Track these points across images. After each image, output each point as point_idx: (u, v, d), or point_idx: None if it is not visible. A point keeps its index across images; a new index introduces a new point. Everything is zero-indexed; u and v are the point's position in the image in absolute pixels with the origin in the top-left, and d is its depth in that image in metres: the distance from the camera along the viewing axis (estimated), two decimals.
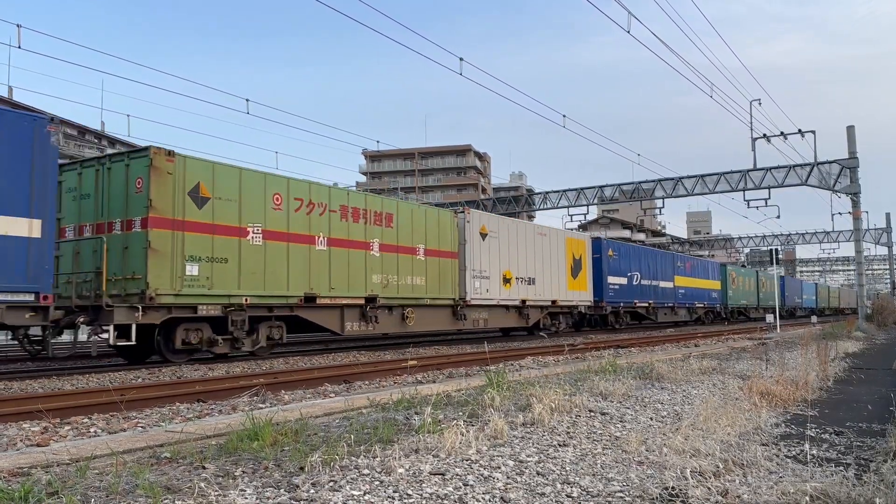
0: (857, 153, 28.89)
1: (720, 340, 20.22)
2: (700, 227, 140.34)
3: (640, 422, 5.80)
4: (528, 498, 3.50)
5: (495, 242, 21.94)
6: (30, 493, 3.24)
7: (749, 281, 50.05)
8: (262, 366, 13.63)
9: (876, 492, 3.52)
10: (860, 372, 10.93)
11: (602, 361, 9.52)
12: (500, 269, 22.10)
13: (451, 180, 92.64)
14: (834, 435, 5.62)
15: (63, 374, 12.00)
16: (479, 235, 21.23)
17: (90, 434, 6.36)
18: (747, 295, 49.36)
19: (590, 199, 36.03)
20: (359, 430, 4.83)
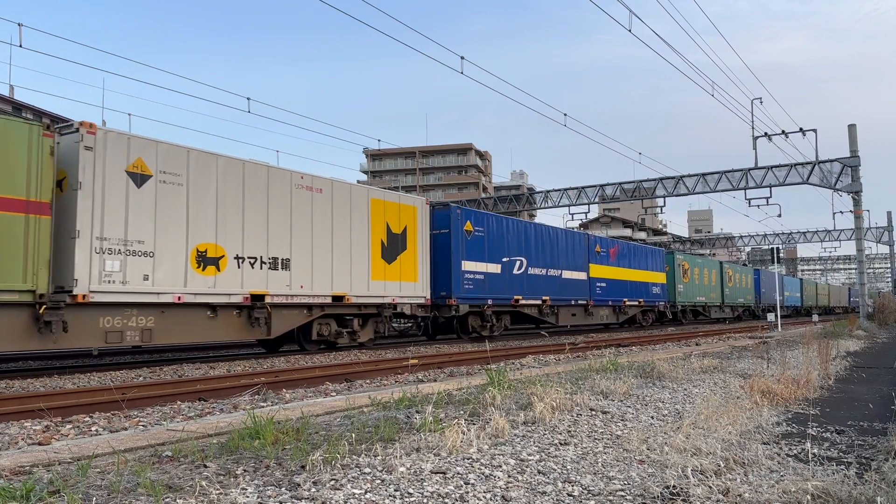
0: (858, 152, 28.86)
1: (721, 339, 20.23)
2: (701, 225, 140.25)
3: (641, 420, 5.80)
4: (529, 497, 3.51)
5: (173, 193, 12.78)
6: (31, 492, 3.24)
7: (709, 273, 41.44)
8: (263, 364, 13.64)
9: (877, 490, 3.52)
10: (861, 370, 10.92)
11: (603, 360, 9.52)
12: (189, 239, 12.98)
13: (453, 179, 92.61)
14: (835, 434, 5.62)
15: (64, 373, 12.02)
16: (125, 177, 12.01)
17: (92, 433, 6.36)
18: (705, 290, 40.71)
19: (591, 198, 36.00)
20: (360, 428, 4.83)
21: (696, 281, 39.19)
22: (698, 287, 39.61)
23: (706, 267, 41.58)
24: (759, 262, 79.48)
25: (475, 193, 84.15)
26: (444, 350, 17.50)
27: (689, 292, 38.26)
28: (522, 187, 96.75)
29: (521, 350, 15.94)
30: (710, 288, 41.42)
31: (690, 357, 11.20)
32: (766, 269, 74.34)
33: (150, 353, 17.06)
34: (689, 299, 38.29)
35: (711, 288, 41.67)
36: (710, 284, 41.30)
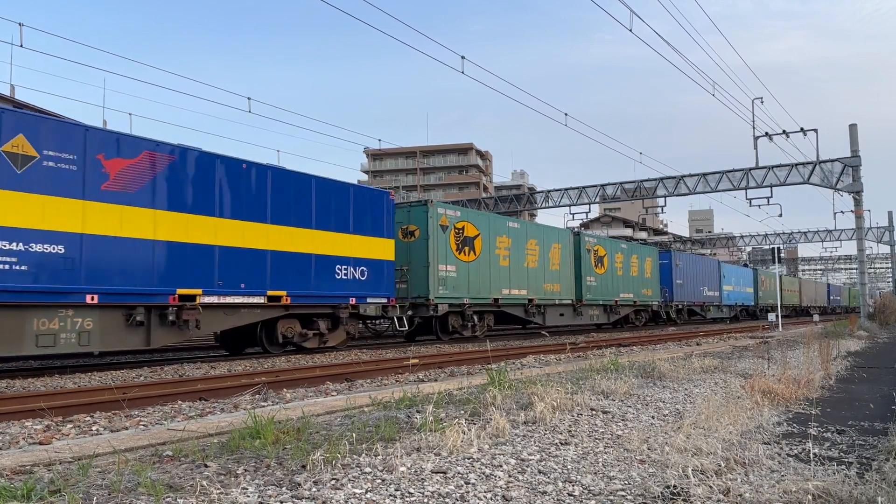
0: (859, 151, 28.84)
1: (722, 339, 20.22)
2: (702, 225, 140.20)
3: (641, 420, 5.80)
4: (529, 496, 3.50)
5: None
6: (32, 492, 3.24)
7: (551, 251, 25.20)
8: (263, 364, 13.64)
9: (878, 490, 3.52)
10: (862, 370, 10.91)
11: (604, 360, 9.52)
12: None
13: (453, 179, 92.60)
14: (836, 433, 5.62)
15: (65, 373, 12.02)
16: None
17: (92, 432, 6.36)
18: (531, 278, 24.15)
19: (591, 198, 35.98)
20: (360, 428, 4.83)
21: (486, 262, 23.37)
22: (496, 274, 24.31)
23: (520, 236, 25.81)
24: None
25: (476, 193, 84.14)
26: (444, 350, 17.51)
27: (473, 284, 23.71)
28: (523, 187, 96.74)
29: (521, 350, 15.93)
30: (553, 276, 25.34)
31: (691, 357, 11.20)
32: (689, 251, 68.53)
33: (150, 352, 17.06)
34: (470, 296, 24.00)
35: (555, 275, 26.19)
36: (556, 269, 25.39)
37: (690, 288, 37.61)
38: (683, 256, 38.50)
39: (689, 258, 39.25)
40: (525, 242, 23.85)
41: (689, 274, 37.68)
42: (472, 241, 21.07)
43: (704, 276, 39.73)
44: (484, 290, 21.27)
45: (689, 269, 37.83)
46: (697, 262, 40.08)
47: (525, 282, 23.41)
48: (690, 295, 37.57)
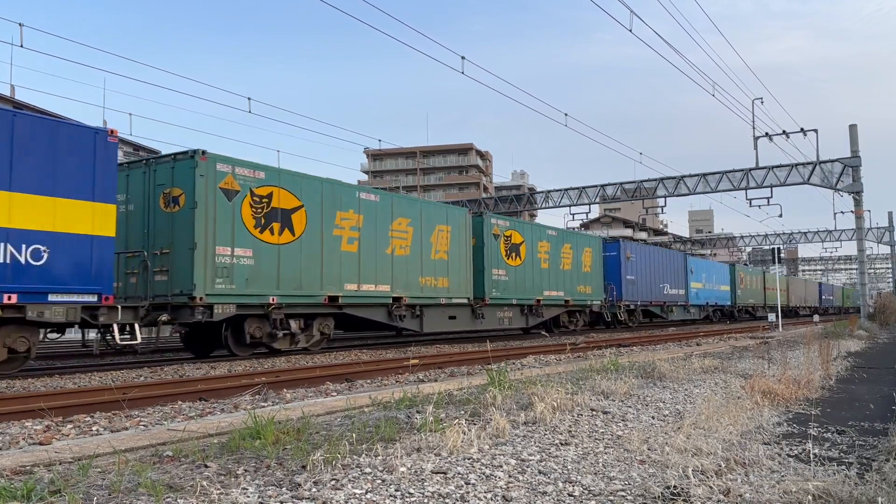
0: (859, 152, 28.85)
1: (722, 339, 20.22)
2: (702, 225, 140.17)
3: (641, 420, 5.80)
4: (529, 497, 3.50)
5: None
6: (32, 492, 3.24)
7: (434, 234, 19.81)
8: (263, 364, 13.63)
9: (878, 491, 3.52)
10: (862, 371, 10.91)
11: (604, 360, 9.52)
12: None
13: (453, 179, 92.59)
14: (836, 434, 5.62)
15: (65, 373, 12.02)
16: None
17: (92, 432, 6.36)
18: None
19: (592, 198, 36.00)
20: (361, 428, 4.83)
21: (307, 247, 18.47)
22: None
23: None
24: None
25: (476, 193, 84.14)
26: (444, 350, 17.51)
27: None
28: (523, 187, 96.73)
29: (521, 350, 15.94)
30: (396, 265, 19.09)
31: (691, 357, 11.20)
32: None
33: (150, 352, 17.06)
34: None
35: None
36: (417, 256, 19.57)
37: (646, 285, 31.13)
38: (637, 248, 31.54)
39: (643, 250, 32.19)
40: (388, 223, 17.93)
41: (645, 269, 31.28)
42: (290, 215, 15.19)
43: (666, 271, 33.57)
44: (308, 285, 15.47)
45: (643, 262, 31.18)
46: (655, 255, 33.06)
47: (387, 275, 17.71)
48: (646, 293, 31.19)
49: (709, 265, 43.15)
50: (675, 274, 33.41)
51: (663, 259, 34.20)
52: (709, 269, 41.79)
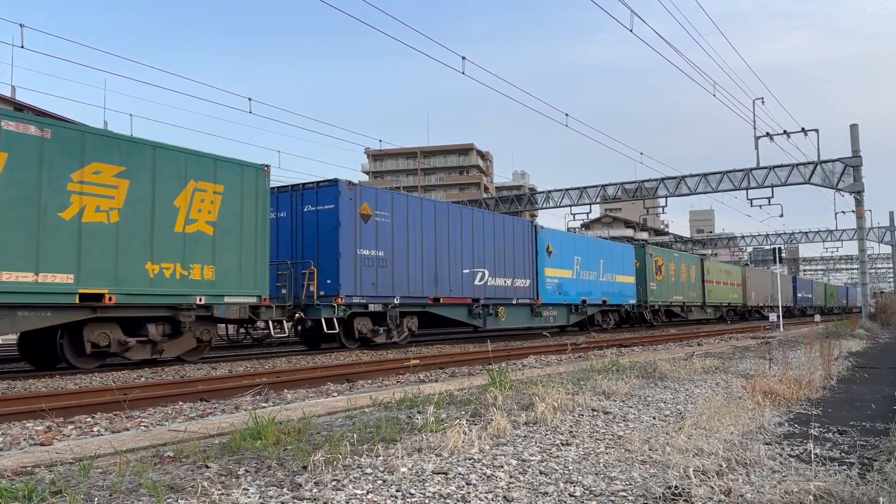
0: (860, 152, 28.84)
1: (723, 339, 20.21)
2: (703, 225, 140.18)
3: (642, 421, 5.79)
4: (530, 497, 3.50)
5: None
6: (33, 492, 3.24)
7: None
8: (264, 365, 13.64)
9: (880, 491, 3.51)
10: (864, 371, 10.90)
11: (605, 360, 9.51)
12: None
13: (454, 179, 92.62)
14: (837, 434, 5.61)
15: (66, 374, 12.02)
16: None
17: (93, 433, 6.37)
18: None
19: (592, 198, 35.98)
20: (361, 428, 4.83)
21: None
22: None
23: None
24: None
25: (477, 194, 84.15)
26: (445, 350, 17.52)
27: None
28: (524, 187, 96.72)
29: (522, 350, 15.94)
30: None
31: (692, 357, 11.20)
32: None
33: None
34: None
35: None
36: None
37: (419, 273, 18.55)
38: (402, 202, 18.37)
39: (401, 203, 18.42)
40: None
41: (416, 243, 18.62)
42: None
43: (487, 247, 21.55)
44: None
45: (420, 231, 18.72)
46: (458, 218, 20.38)
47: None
48: (422, 286, 18.63)
49: (589, 244, 28.79)
50: (517, 254, 22.87)
51: (476, 224, 21.25)
52: (589, 250, 28.06)
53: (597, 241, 30.82)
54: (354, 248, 16.84)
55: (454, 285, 20.37)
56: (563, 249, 26.23)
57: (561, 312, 26.32)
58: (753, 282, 50.20)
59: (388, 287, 17.80)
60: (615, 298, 29.91)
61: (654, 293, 33.36)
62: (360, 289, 16.90)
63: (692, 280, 38.61)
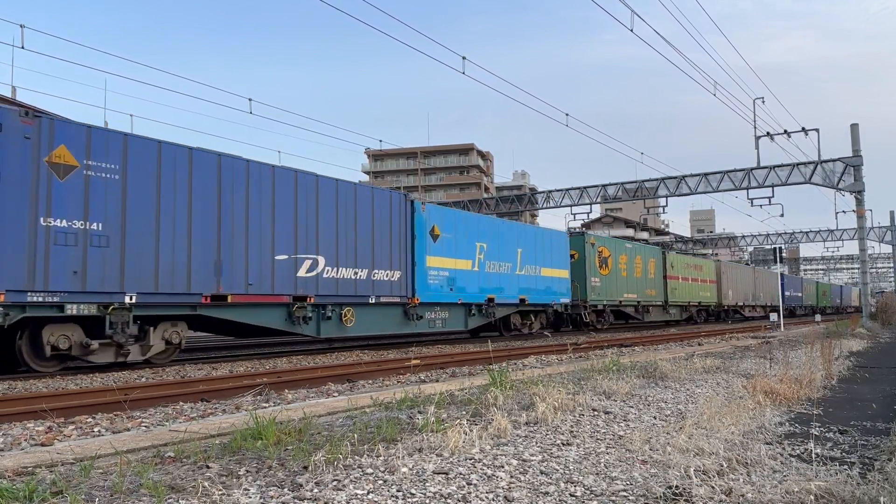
0: (860, 151, 28.82)
1: (724, 339, 20.21)
2: (703, 225, 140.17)
3: (643, 421, 5.79)
4: (531, 497, 3.50)
5: None
6: (34, 493, 3.24)
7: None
8: (265, 365, 13.64)
9: (880, 490, 3.51)
10: (865, 370, 10.90)
11: (605, 360, 9.51)
12: None
13: (454, 179, 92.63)
14: (838, 434, 5.61)
15: (67, 374, 12.03)
16: None
17: (94, 433, 6.37)
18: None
19: (593, 198, 35.98)
20: (362, 429, 4.83)
21: None
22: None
23: None
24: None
25: (477, 194, 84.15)
26: (446, 350, 17.52)
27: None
28: (524, 187, 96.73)
29: (523, 350, 15.94)
30: None
31: (693, 357, 11.19)
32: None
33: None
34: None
35: None
36: None
37: (184, 258, 13.25)
38: (149, 152, 12.79)
39: (184, 161, 13.44)
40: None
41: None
42: None
43: (324, 226, 16.21)
44: None
45: (187, 197, 13.43)
46: (269, 184, 14.96)
47: None
48: (187, 278, 13.27)
49: (499, 228, 22.67)
50: (359, 234, 16.95)
51: (278, 191, 15.24)
52: (499, 237, 22.31)
53: (512, 225, 23.86)
54: (32, 217, 11.14)
55: (258, 277, 14.47)
56: (457, 233, 20.33)
57: (454, 314, 20.30)
58: (731, 278, 44.99)
59: (112, 279, 12.04)
60: (539, 296, 24.11)
61: (598, 290, 27.74)
62: (48, 281, 11.28)
63: (650, 276, 33.00)
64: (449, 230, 20.07)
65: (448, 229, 20.06)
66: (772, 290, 53.24)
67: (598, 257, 28.20)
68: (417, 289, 18.68)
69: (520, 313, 23.83)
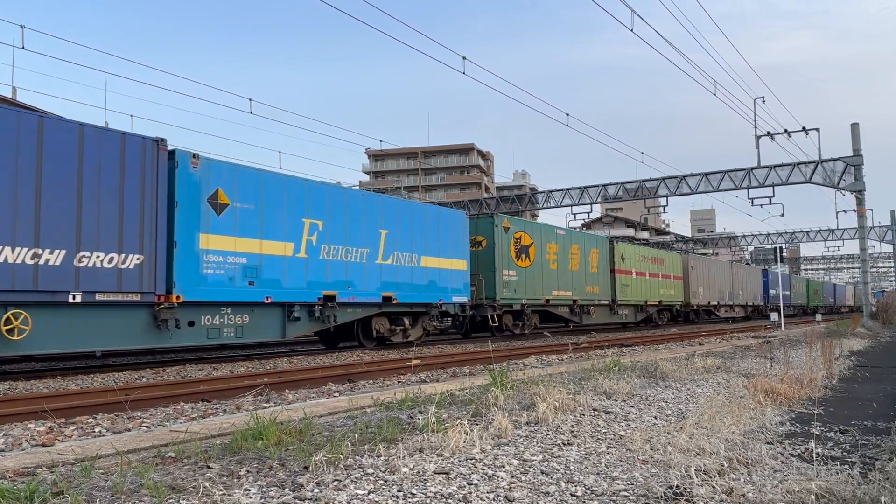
0: (861, 150, 28.80)
1: (724, 339, 20.20)
2: (704, 225, 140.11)
3: (644, 420, 5.79)
4: (532, 497, 3.50)
5: None
6: (35, 493, 3.24)
7: None
8: (266, 365, 13.65)
9: (881, 490, 3.51)
10: (865, 370, 10.89)
11: (606, 360, 9.51)
12: None
13: (455, 179, 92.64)
14: (839, 433, 5.61)
15: (68, 374, 12.04)
16: None
17: (95, 434, 6.37)
18: None
19: (593, 198, 35.95)
20: (363, 429, 4.83)
21: None
22: None
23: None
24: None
25: (477, 193, 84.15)
26: (446, 350, 17.52)
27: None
28: (525, 187, 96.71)
29: (523, 350, 15.93)
30: None
31: (693, 357, 11.19)
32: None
33: (153, 353, 17.11)
34: None
35: None
36: None
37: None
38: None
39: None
40: None
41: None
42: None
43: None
44: None
45: None
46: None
47: None
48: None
49: (348, 199, 16.89)
50: (55, 200, 10.93)
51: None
52: (350, 211, 16.68)
53: (371, 199, 17.77)
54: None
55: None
56: (267, 204, 14.63)
57: (261, 319, 14.44)
58: (701, 274, 38.95)
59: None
60: (417, 294, 18.38)
61: (513, 286, 22.33)
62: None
63: (593, 269, 27.52)
64: (250, 199, 14.22)
65: (248, 197, 14.19)
66: (754, 288, 48.37)
67: (515, 245, 22.84)
68: (180, 281, 12.68)
69: (386, 316, 18.06)
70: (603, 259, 28.69)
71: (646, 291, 32.36)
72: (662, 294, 34.18)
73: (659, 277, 34.04)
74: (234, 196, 13.91)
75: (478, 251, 21.81)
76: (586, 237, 29.00)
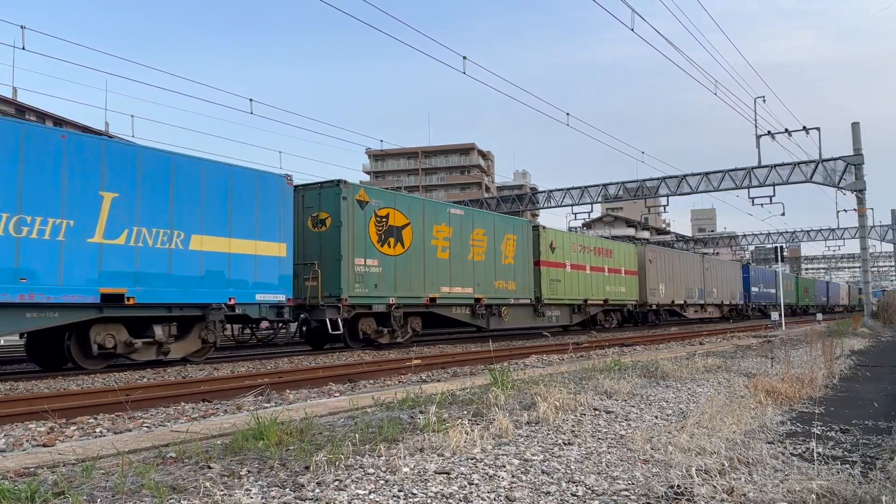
0: (862, 150, 28.79)
1: (725, 338, 20.20)
2: (704, 224, 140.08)
3: (645, 420, 5.79)
4: (533, 497, 3.50)
5: None
6: (36, 493, 3.24)
7: None
8: (266, 365, 13.65)
9: (882, 490, 3.51)
10: (866, 369, 10.88)
11: (607, 360, 9.51)
12: None
13: (455, 179, 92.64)
14: (840, 433, 5.60)
15: (68, 375, 12.04)
16: None
17: (96, 434, 6.37)
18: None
19: (594, 198, 35.96)
20: (364, 429, 4.83)
21: None
22: None
23: None
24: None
25: (478, 193, 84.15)
26: (447, 350, 17.52)
27: None
28: (525, 187, 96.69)
29: (524, 350, 15.93)
30: None
31: (694, 356, 11.18)
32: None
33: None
34: None
35: None
36: None
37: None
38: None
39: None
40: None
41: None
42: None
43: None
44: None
45: None
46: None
47: None
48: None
49: (35, 142, 10.99)
50: None
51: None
52: (33, 164, 10.96)
53: (82, 141, 12.10)
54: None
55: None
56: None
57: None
58: (662, 269, 33.41)
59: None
60: (188, 292, 13.25)
61: (370, 280, 17.15)
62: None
63: (507, 260, 22.33)
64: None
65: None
66: (732, 286, 42.50)
67: (378, 225, 17.42)
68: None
69: (121, 322, 12.74)
70: (523, 248, 23.17)
71: (585, 288, 26.84)
72: (609, 292, 28.57)
73: (605, 272, 28.53)
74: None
75: (320, 232, 16.64)
76: (497, 219, 22.78)
